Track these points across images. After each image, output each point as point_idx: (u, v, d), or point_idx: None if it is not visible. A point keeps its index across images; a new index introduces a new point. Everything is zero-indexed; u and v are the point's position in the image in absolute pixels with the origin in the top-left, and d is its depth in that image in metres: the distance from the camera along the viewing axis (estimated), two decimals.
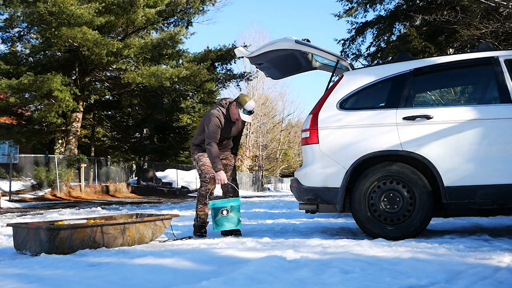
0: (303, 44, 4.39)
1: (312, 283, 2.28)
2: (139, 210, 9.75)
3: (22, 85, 13.67)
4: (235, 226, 4.24)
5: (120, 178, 21.64)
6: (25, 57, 16.30)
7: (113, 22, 15.08)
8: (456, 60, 4.17)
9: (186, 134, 27.52)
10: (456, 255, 3.04)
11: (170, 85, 15.77)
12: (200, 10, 18.26)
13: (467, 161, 3.85)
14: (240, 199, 4.39)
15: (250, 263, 2.70)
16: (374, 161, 4.05)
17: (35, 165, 16.90)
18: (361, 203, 4.00)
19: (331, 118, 4.16)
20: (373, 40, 14.46)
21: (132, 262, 2.87)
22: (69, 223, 3.81)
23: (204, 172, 4.54)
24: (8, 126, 17.26)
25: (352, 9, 14.17)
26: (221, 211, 4.22)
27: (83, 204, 12.79)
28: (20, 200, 13.82)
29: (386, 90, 4.20)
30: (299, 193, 4.30)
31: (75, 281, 2.38)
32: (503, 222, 5.33)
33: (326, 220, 6.12)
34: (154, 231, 4.01)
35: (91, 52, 14.49)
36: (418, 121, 3.96)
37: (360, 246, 3.43)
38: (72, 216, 7.51)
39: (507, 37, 10.34)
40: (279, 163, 47.26)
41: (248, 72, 20.94)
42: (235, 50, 4.85)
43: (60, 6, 13.16)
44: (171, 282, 2.36)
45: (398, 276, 2.41)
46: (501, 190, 3.78)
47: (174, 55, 17.00)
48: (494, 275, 2.44)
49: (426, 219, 3.90)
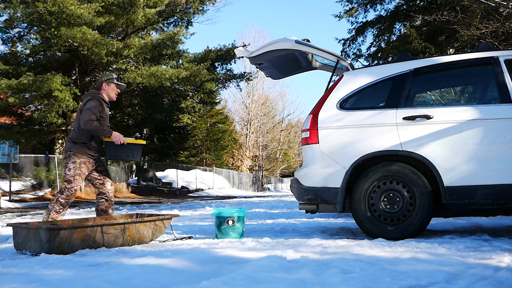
0: (303, 44, 4.39)
1: (312, 283, 2.28)
2: (139, 210, 9.74)
3: (22, 85, 13.66)
4: (239, 237, 4.23)
5: (120, 178, 21.64)
6: (25, 57, 16.29)
7: (113, 22, 15.08)
8: (456, 60, 4.17)
9: (186, 134, 27.54)
10: (456, 255, 3.04)
11: (170, 85, 15.77)
12: (200, 10, 18.24)
13: (467, 161, 3.85)
14: (245, 210, 4.39)
15: (250, 263, 2.70)
16: (374, 161, 4.05)
17: (35, 165, 16.89)
18: (361, 203, 4.00)
19: (331, 118, 4.16)
20: (374, 40, 14.47)
21: (132, 262, 2.87)
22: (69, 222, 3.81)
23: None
24: (8, 126, 17.26)
25: (352, 10, 14.18)
26: (226, 220, 4.21)
27: (83, 204, 12.79)
28: (20, 200, 13.82)
29: (386, 90, 4.21)
30: (299, 193, 4.30)
31: (75, 281, 2.38)
32: (503, 222, 5.33)
33: (326, 220, 6.12)
34: (154, 231, 4.01)
35: (91, 52, 14.48)
36: (418, 121, 3.96)
37: (360, 246, 3.43)
38: (72, 216, 7.52)
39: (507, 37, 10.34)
40: (279, 163, 47.25)
41: (248, 72, 20.90)
42: (235, 50, 4.85)
43: (60, 5, 13.15)
44: (171, 282, 2.36)
45: (398, 276, 2.41)
46: (501, 190, 3.79)
47: (174, 55, 16.99)
48: (494, 275, 2.44)
49: (426, 219, 3.90)
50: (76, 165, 4.35)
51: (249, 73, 20.59)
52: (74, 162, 4.35)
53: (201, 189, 24.90)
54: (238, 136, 41.06)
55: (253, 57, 4.76)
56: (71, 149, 4.39)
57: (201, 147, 33.28)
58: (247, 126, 40.94)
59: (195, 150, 32.74)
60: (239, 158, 41.38)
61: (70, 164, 4.35)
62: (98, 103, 4.42)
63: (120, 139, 4.38)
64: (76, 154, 4.36)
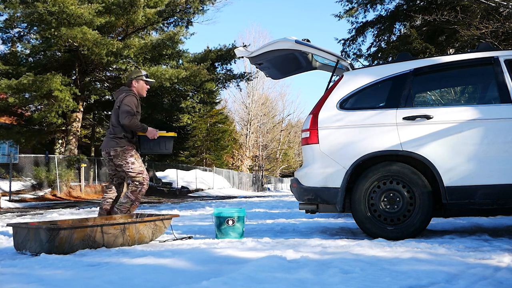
0: (303, 44, 4.39)
1: (312, 283, 2.28)
2: (139, 210, 9.74)
3: (22, 85, 13.66)
4: (239, 237, 4.23)
5: None
6: (25, 57, 16.30)
7: (113, 22, 15.09)
8: (456, 60, 4.17)
9: (186, 134, 27.55)
10: (456, 255, 3.04)
11: (170, 85, 15.77)
12: (200, 10, 18.26)
13: (467, 161, 3.85)
14: (245, 210, 4.39)
15: (250, 263, 2.70)
16: (374, 161, 4.05)
17: (35, 165, 16.88)
18: (361, 203, 4.00)
19: (331, 118, 4.16)
20: (374, 40, 14.48)
21: (132, 262, 2.87)
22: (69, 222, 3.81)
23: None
24: (8, 126, 17.26)
25: (352, 9, 14.19)
26: (226, 220, 4.21)
27: (83, 204, 12.79)
28: (20, 200, 13.82)
29: (386, 90, 4.20)
30: (299, 193, 4.30)
31: (75, 281, 2.38)
32: (503, 222, 5.33)
33: (326, 220, 6.12)
34: (154, 231, 4.01)
35: (91, 52, 14.48)
36: (418, 121, 3.96)
37: (360, 246, 3.43)
38: (72, 216, 7.52)
39: (507, 37, 10.34)
40: (279, 163, 47.26)
41: (248, 72, 20.93)
42: (235, 50, 4.86)
43: (60, 5, 13.16)
44: (171, 282, 2.36)
45: (398, 276, 2.41)
46: (501, 190, 3.79)
47: (174, 55, 17.00)
48: (494, 275, 2.44)
49: (426, 219, 3.90)
50: (134, 154, 4.47)
51: (249, 73, 20.62)
52: (132, 155, 4.45)
53: (201, 189, 24.90)
54: (238, 136, 41.07)
55: (253, 57, 4.76)
56: (119, 145, 4.45)
57: (201, 147, 33.29)
58: (247, 126, 40.94)
59: (195, 150, 32.76)
60: (239, 158, 41.39)
61: (129, 158, 4.44)
62: (134, 98, 4.52)
63: (155, 134, 4.51)
64: (126, 148, 4.45)
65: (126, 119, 4.34)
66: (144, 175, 4.45)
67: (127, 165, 4.41)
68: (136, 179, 4.42)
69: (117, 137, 4.45)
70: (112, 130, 4.52)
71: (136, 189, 4.42)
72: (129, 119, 4.35)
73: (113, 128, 4.52)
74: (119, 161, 4.43)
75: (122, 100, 4.46)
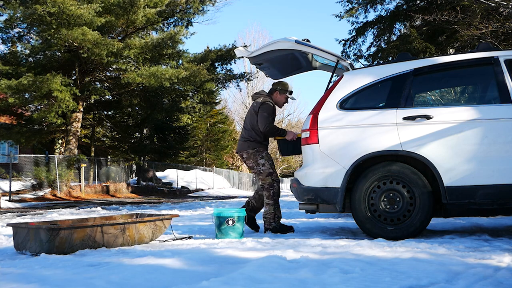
0: (303, 44, 4.39)
1: (312, 283, 2.28)
2: (139, 210, 9.74)
3: (22, 86, 13.66)
4: (239, 237, 4.23)
5: (120, 178, 21.63)
6: (25, 57, 16.29)
7: (113, 22, 15.08)
8: (456, 60, 4.17)
9: (186, 134, 27.54)
10: (456, 255, 3.04)
11: (170, 86, 15.77)
12: (200, 10, 18.26)
13: (467, 161, 3.85)
14: (244, 210, 4.40)
15: (250, 263, 2.70)
16: (374, 161, 4.05)
17: (35, 165, 16.88)
18: (361, 203, 4.00)
19: (331, 118, 4.16)
20: (374, 40, 14.49)
21: (132, 262, 2.87)
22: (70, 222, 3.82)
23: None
24: (8, 126, 17.25)
25: (352, 10, 14.20)
26: (226, 220, 4.21)
27: (83, 204, 12.79)
28: (20, 200, 13.82)
29: (386, 90, 4.20)
30: (299, 193, 4.30)
31: (75, 281, 2.38)
32: (503, 222, 5.33)
33: (326, 220, 6.12)
34: (154, 231, 4.01)
35: (91, 53, 14.48)
36: (418, 121, 3.96)
37: (360, 246, 3.43)
38: (72, 216, 7.52)
39: (507, 37, 10.35)
40: (279, 163, 47.25)
41: (248, 72, 20.92)
42: (235, 50, 4.86)
43: (60, 6, 13.15)
44: (171, 282, 2.36)
45: (398, 276, 2.41)
46: (501, 190, 3.79)
47: (174, 55, 17.00)
48: (494, 275, 2.44)
49: (426, 219, 3.90)
50: (265, 156, 4.66)
51: (249, 73, 20.61)
52: (262, 157, 4.66)
53: (201, 189, 24.91)
54: (238, 136, 41.06)
55: (253, 57, 4.77)
56: (251, 147, 4.68)
57: (201, 147, 33.29)
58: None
59: (195, 150, 32.75)
60: (238, 158, 41.36)
61: (260, 160, 4.66)
62: (272, 107, 4.72)
63: (294, 136, 4.68)
64: (258, 150, 4.66)
65: (265, 127, 4.59)
66: (273, 177, 4.64)
67: (258, 167, 4.65)
68: (266, 181, 4.64)
69: (251, 139, 4.68)
70: (245, 133, 4.76)
71: (269, 193, 4.64)
72: (268, 127, 4.59)
73: (245, 131, 4.76)
74: (250, 163, 4.67)
75: (259, 107, 4.67)
